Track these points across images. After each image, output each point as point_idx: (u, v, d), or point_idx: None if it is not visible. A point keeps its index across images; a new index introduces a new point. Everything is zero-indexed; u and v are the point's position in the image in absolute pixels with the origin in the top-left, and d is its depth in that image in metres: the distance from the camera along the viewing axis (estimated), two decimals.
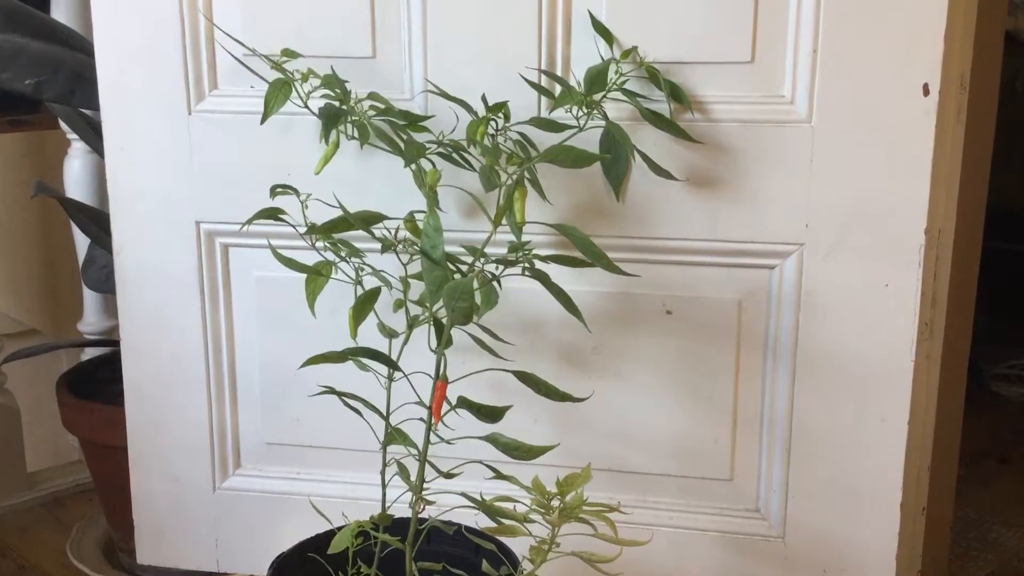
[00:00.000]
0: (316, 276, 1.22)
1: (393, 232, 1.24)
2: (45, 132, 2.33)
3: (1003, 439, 2.33)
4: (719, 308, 1.36)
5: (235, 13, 1.38)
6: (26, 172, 2.45)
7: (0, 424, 1.95)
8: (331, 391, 1.21)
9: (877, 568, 1.36)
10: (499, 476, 1.16)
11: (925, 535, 1.43)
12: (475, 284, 1.10)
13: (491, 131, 1.25)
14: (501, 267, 1.16)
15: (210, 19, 1.39)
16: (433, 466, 1.17)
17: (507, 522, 1.10)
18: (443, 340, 1.16)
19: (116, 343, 1.56)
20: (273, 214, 1.24)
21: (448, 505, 1.17)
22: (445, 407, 1.16)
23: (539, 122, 1.28)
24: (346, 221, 1.22)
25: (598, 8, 1.29)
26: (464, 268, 1.19)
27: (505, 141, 1.26)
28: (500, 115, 1.25)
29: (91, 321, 2.12)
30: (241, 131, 1.41)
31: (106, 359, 1.88)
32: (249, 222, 1.24)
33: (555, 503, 1.08)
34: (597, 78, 1.25)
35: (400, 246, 1.22)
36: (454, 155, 1.26)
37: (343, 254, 1.22)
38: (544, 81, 1.31)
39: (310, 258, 1.23)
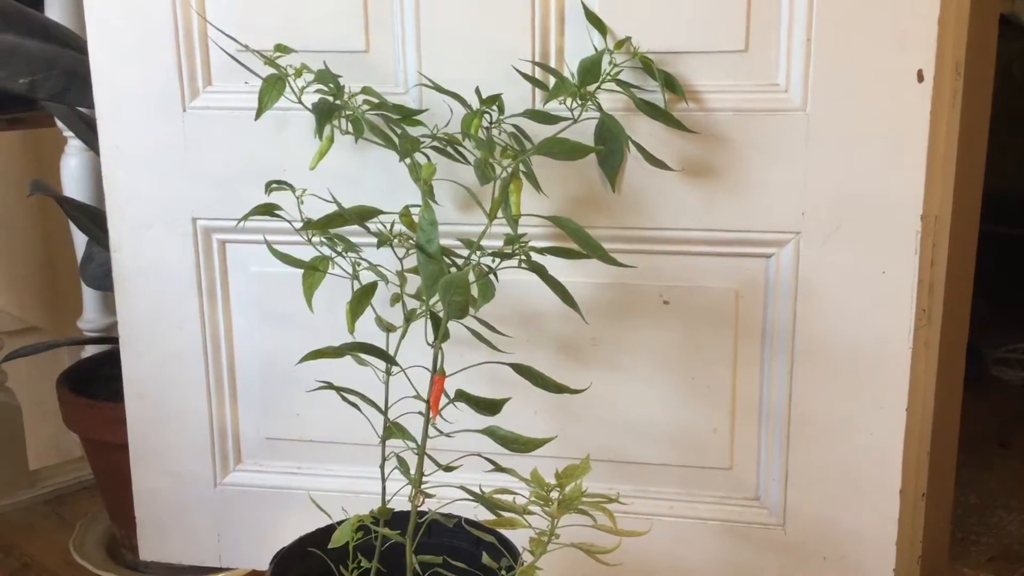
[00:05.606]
0: (313, 271, 1.22)
1: (389, 226, 1.24)
2: (41, 130, 2.32)
3: (1004, 423, 2.32)
4: (716, 298, 1.36)
5: (228, 9, 1.38)
6: (23, 171, 2.44)
7: (2, 422, 1.95)
8: (329, 386, 1.21)
9: (877, 554, 1.37)
10: (498, 468, 1.16)
11: (925, 521, 1.43)
12: (471, 277, 1.10)
13: (485, 124, 1.25)
14: (497, 260, 1.16)
15: (203, 15, 1.39)
16: (432, 459, 1.17)
17: (506, 514, 1.10)
18: (440, 334, 1.16)
19: (116, 340, 1.56)
20: (269, 210, 1.23)
21: (448, 498, 1.17)
22: (443, 400, 1.16)
23: (533, 114, 1.27)
24: (341, 216, 1.22)
25: None
26: (460, 262, 1.19)
27: (499, 134, 1.26)
28: (494, 108, 1.25)
29: (91, 318, 2.11)
30: (236, 127, 1.41)
31: (107, 356, 1.88)
32: (245, 218, 1.24)
33: (554, 495, 1.08)
34: (591, 69, 1.25)
35: (396, 240, 1.22)
36: (449, 149, 1.26)
37: (339, 249, 1.22)
38: (538, 73, 1.31)
39: (307, 253, 1.23)
